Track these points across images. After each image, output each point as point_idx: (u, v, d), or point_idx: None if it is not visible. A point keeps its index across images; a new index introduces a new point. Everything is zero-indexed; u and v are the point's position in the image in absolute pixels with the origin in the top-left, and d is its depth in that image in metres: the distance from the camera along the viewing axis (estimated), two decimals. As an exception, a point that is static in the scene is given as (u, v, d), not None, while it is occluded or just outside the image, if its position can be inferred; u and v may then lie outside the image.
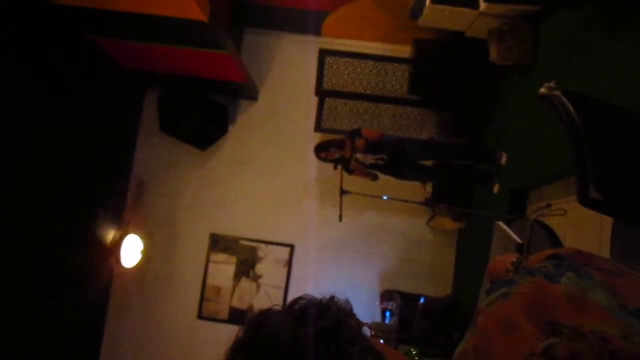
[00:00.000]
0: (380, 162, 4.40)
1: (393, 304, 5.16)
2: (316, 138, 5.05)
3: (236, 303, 5.77)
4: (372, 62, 5.47)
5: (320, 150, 4.59)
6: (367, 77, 5.47)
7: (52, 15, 4.11)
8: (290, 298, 0.84)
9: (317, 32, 5.71)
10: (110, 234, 5.59)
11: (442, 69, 5.02)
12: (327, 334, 0.75)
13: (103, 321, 5.79)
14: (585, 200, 1.36)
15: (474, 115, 5.27)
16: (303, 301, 0.81)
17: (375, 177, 4.54)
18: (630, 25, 2.72)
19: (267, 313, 0.81)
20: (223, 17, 4.94)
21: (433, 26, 4.73)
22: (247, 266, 5.81)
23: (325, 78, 5.48)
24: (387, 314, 5.19)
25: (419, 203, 4.99)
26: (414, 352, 4.17)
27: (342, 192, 4.32)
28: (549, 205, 3.32)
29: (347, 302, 0.83)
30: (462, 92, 5.07)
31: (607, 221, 2.43)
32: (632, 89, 2.55)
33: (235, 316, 5.71)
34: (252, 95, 5.84)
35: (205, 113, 5.68)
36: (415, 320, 4.69)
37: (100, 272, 5.55)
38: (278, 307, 0.82)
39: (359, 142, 4.35)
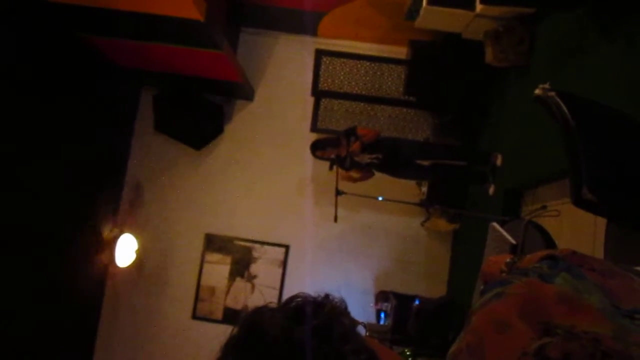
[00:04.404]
0: (376, 161, 4.41)
1: (388, 305, 5.16)
2: (312, 138, 5.05)
3: (230, 303, 5.76)
4: (368, 63, 5.48)
5: (316, 148, 4.60)
6: (363, 77, 5.49)
7: (46, 13, 4.09)
8: (285, 298, 0.84)
9: (314, 33, 5.72)
10: (105, 234, 5.57)
11: (438, 70, 5.03)
12: (321, 331, 0.75)
13: (97, 321, 5.77)
14: (579, 201, 1.36)
15: (469, 116, 5.29)
16: (298, 299, 0.81)
17: (371, 174, 4.55)
18: (624, 27, 2.74)
19: (261, 310, 0.80)
20: (219, 17, 4.93)
21: (429, 27, 4.74)
22: (241, 266, 5.80)
23: (322, 78, 5.49)
24: (382, 314, 5.20)
25: (414, 204, 4.99)
26: (408, 353, 4.17)
27: (338, 192, 4.32)
28: (544, 207, 3.32)
29: (342, 300, 0.83)
30: (457, 93, 5.08)
31: (601, 222, 2.44)
32: (626, 90, 2.56)
33: (230, 316, 5.70)
34: (248, 95, 5.83)
35: (201, 113, 5.67)
36: (409, 321, 4.69)
37: (94, 272, 5.53)
38: (273, 305, 0.82)
39: (355, 145, 4.36)
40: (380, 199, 4.64)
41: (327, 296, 0.82)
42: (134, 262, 5.72)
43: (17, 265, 4.16)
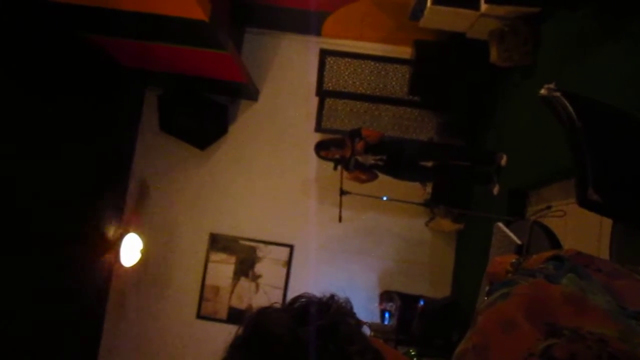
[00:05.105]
0: (380, 163, 4.41)
1: (392, 305, 5.16)
2: (316, 138, 5.06)
3: (235, 303, 5.77)
4: (372, 63, 5.47)
5: (321, 148, 4.60)
6: (368, 77, 5.48)
7: (51, 13, 4.10)
8: (289, 298, 0.84)
9: (318, 33, 5.71)
10: (109, 233, 5.59)
11: (442, 70, 5.02)
12: (326, 332, 0.75)
13: (102, 320, 5.79)
14: (585, 202, 1.36)
15: (474, 116, 5.28)
16: (303, 299, 0.81)
17: (375, 177, 4.55)
18: (629, 26, 2.73)
19: (267, 311, 0.81)
20: (224, 17, 4.94)
21: (434, 27, 4.74)
22: (246, 266, 5.81)
23: (326, 78, 5.48)
24: (386, 314, 5.19)
25: (419, 204, 4.99)
26: (412, 353, 4.17)
27: (342, 192, 4.32)
28: (549, 207, 3.31)
29: (347, 301, 0.83)
30: (462, 93, 5.07)
31: (607, 223, 2.43)
32: (631, 90, 2.55)
33: (234, 316, 5.70)
34: (252, 95, 5.84)
35: (206, 113, 5.68)
36: (414, 322, 4.69)
37: (99, 271, 5.55)
38: (278, 305, 0.83)
39: (359, 145, 4.36)
40: (384, 199, 4.64)
41: (332, 297, 0.82)
42: (138, 262, 5.73)
43: (20, 265, 4.17)
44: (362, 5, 5.27)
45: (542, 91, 1.49)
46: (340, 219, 4.34)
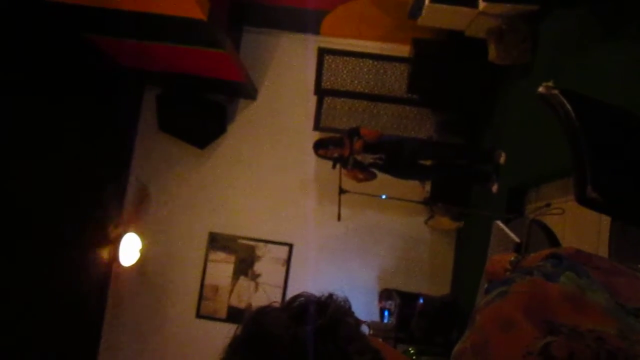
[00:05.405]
0: (379, 162, 4.41)
1: (392, 303, 5.16)
2: (315, 137, 5.05)
3: (234, 302, 5.77)
4: (371, 61, 5.47)
5: (319, 147, 4.60)
6: (366, 76, 5.48)
7: (50, 13, 4.10)
8: (288, 297, 0.84)
9: (316, 31, 5.71)
10: (109, 233, 5.59)
11: (441, 68, 5.02)
12: (325, 331, 0.75)
13: (101, 320, 5.78)
14: (583, 200, 1.36)
15: (472, 114, 5.28)
16: (302, 298, 0.81)
17: (374, 176, 4.55)
18: (628, 24, 2.73)
19: (265, 310, 0.81)
20: (222, 16, 4.93)
21: (432, 25, 4.73)
22: (245, 265, 5.81)
23: (324, 77, 5.48)
24: (386, 313, 5.19)
25: (418, 202, 4.99)
26: (412, 352, 4.17)
27: (341, 191, 4.32)
28: (548, 205, 3.31)
29: (346, 300, 0.83)
30: (461, 91, 5.07)
31: (606, 220, 2.44)
32: (630, 88, 2.55)
33: (234, 315, 5.70)
34: (250, 94, 5.83)
35: (204, 112, 5.68)
36: (413, 320, 4.69)
37: (98, 271, 5.55)
38: (277, 304, 0.82)
39: (357, 144, 4.36)
40: (383, 197, 4.64)
41: (331, 296, 0.82)
42: (138, 261, 5.73)
43: (20, 265, 4.17)
44: (360, 3, 5.27)
45: (540, 89, 1.49)
46: (339, 218, 4.34)
